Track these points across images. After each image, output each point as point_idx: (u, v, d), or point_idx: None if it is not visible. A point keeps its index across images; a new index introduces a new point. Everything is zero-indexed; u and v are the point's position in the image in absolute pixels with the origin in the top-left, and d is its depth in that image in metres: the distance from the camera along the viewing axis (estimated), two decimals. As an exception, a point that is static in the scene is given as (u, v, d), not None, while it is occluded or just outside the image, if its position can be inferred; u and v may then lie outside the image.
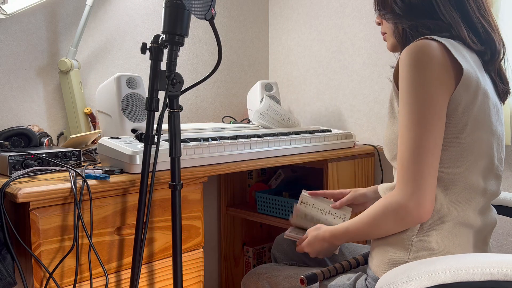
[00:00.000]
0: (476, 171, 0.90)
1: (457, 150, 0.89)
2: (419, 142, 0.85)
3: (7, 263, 0.90)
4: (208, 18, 0.96)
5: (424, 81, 0.85)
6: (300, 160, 1.45)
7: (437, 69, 0.86)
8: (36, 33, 1.48)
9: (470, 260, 0.68)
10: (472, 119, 0.88)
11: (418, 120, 0.85)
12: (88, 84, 1.61)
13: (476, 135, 0.89)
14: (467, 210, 0.90)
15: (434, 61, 0.86)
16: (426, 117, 0.85)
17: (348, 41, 1.96)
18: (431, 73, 0.85)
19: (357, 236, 0.99)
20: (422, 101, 0.85)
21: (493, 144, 0.92)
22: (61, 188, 0.92)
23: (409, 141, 0.86)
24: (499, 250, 1.59)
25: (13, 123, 1.44)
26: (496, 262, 0.66)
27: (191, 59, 1.93)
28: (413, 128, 0.86)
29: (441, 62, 0.86)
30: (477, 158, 0.90)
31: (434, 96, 0.85)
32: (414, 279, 0.69)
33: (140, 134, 1.00)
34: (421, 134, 0.85)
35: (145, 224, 0.97)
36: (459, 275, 0.67)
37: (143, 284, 1.09)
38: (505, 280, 0.64)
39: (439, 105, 0.85)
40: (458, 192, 0.89)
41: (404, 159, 0.87)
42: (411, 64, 0.87)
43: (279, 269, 1.14)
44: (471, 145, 0.89)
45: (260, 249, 2.10)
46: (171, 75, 0.96)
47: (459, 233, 0.89)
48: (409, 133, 0.86)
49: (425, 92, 0.85)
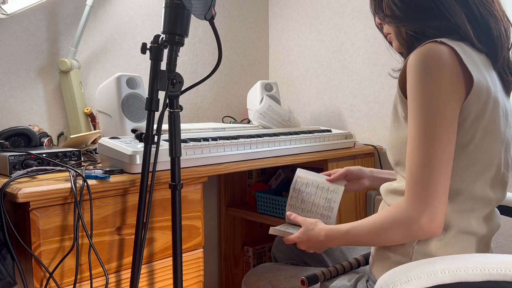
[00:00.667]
0: (483, 180, 0.88)
1: (464, 161, 0.86)
2: (431, 156, 0.81)
3: (7, 263, 0.90)
4: (208, 18, 0.96)
5: (434, 91, 0.81)
6: (300, 160, 1.45)
7: (448, 78, 0.81)
8: (36, 33, 1.48)
9: (469, 261, 0.68)
10: (481, 129, 0.85)
11: (430, 133, 0.82)
12: (88, 84, 1.61)
13: (485, 146, 0.86)
14: (470, 219, 0.88)
15: (445, 68, 0.81)
16: (438, 130, 0.81)
17: (348, 41, 1.96)
18: (442, 82, 0.81)
19: (357, 241, 0.96)
20: (434, 113, 0.81)
21: (501, 152, 0.90)
22: (61, 188, 0.92)
23: (421, 156, 0.82)
24: (499, 250, 1.59)
25: (13, 123, 1.44)
26: (495, 263, 0.65)
27: (191, 59, 1.93)
28: (424, 141, 0.82)
29: (452, 70, 0.82)
30: (483, 168, 0.87)
31: (445, 107, 0.81)
32: (413, 279, 0.69)
33: (140, 134, 0.99)
34: (433, 148, 0.82)
35: (145, 224, 0.97)
36: (458, 275, 0.67)
37: (143, 284, 1.09)
38: (504, 280, 0.64)
39: (450, 117, 0.82)
40: (462, 202, 0.88)
41: (416, 173, 0.83)
42: (420, 72, 0.82)
43: (281, 268, 1.14)
44: (478, 155, 0.86)
45: (260, 249, 2.10)
46: (171, 75, 0.96)
47: (461, 241, 0.88)
48: (421, 147, 0.82)
49: (436, 104, 0.81)
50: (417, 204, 0.83)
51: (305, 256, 1.26)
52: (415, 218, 0.83)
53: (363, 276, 1.01)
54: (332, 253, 1.24)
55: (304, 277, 1.00)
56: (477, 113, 0.84)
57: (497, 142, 0.88)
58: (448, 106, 0.82)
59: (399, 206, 0.86)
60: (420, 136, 0.83)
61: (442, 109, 0.81)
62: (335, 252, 1.24)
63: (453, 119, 0.82)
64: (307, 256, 1.25)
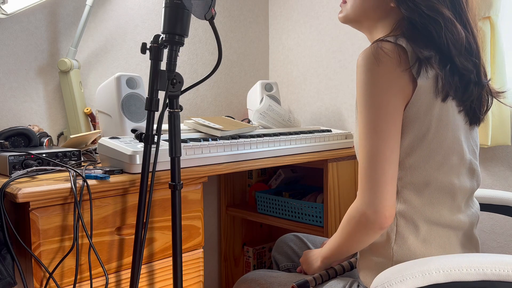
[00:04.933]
0: (447, 170, 0.89)
1: (425, 153, 0.88)
2: (375, 150, 0.85)
3: (7, 263, 0.90)
4: (208, 18, 0.96)
5: (376, 87, 0.84)
6: (300, 160, 1.45)
7: (389, 74, 0.84)
8: (36, 33, 1.48)
9: (463, 260, 0.69)
10: (435, 119, 0.87)
11: (374, 127, 0.85)
12: (88, 84, 1.61)
13: (441, 134, 0.88)
14: (441, 210, 0.89)
15: (386, 65, 0.84)
16: (381, 124, 0.84)
17: (348, 41, 1.96)
18: (382, 78, 0.84)
19: (340, 253, 0.99)
20: (377, 108, 0.84)
21: (460, 139, 0.91)
22: (61, 188, 0.92)
23: (366, 149, 0.86)
24: (499, 250, 1.59)
25: (13, 123, 1.44)
26: (489, 262, 0.66)
27: (191, 59, 1.93)
28: (369, 136, 0.85)
29: (394, 66, 0.84)
30: (445, 157, 0.89)
31: (388, 103, 0.84)
32: (408, 278, 0.69)
33: (140, 134, 0.99)
34: (377, 142, 0.84)
35: (145, 224, 0.97)
36: (452, 275, 0.67)
37: (143, 284, 1.09)
38: (498, 280, 0.64)
39: (393, 112, 0.84)
40: (430, 194, 0.89)
41: (362, 167, 0.87)
42: (364, 69, 0.85)
43: (273, 275, 1.13)
44: (437, 145, 0.88)
45: (260, 249, 2.10)
46: (171, 75, 0.96)
47: (438, 235, 0.89)
48: (366, 141, 0.86)
49: (379, 99, 0.84)
50: (363, 197, 0.86)
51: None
52: (362, 210, 0.86)
53: (355, 281, 1.01)
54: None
55: (295, 283, 1.00)
56: (427, 104, 0.86)
57: (453, 129, 0.89)
58: (391, 101, 0.84)
59: (352, 204, 0.90)
60: (365, 131, 0.86)
61: (385, 104, 0.84)
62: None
63: (396, 114, 0.85)
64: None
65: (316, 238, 1.30)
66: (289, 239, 1.32)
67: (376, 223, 0.85)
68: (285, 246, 1.31)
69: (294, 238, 1.31)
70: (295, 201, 1.71)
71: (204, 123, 1.38)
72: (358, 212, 0.87)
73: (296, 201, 1.71)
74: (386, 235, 0.92)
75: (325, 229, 1.60)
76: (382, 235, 0.92)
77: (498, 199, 1.15)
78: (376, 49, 0.85)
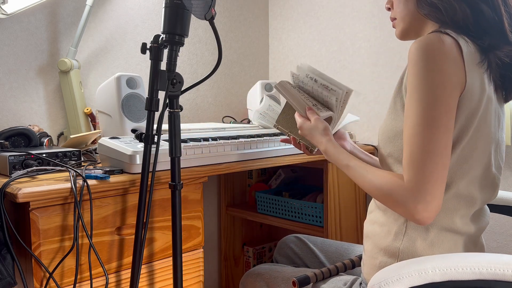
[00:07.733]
0: (470, 179, 0.87)
1: (455, 158, 0.86)
2: (433, 143, 0.80)
3: (7, 263, 0.90)
4: (208, 18, 0.96)
5: (439, 78, 0.81)
6: (300, 160, 1.45)
7: (452, 67, 0.81)
8: (36, 33, 1.48)
9: (459, 259, 0.69)
10: (473, 127, 0.85)
11: (432, 120, 0.80)
12: (88, 84, 1.61)
13: (474, 144, 0.86)
14: (454, 217, 0.88)
15: (449, 57, 0.81)
16: (441, 118, 0.80)
17: (348, 41, 1.96)
18: (447, 70, 0.81)
19: (353, 174, 0.93)
20: (437, 100, 0.80)
21: (491, 153, 0.90)
22: (61, 188, 0.92)
23: (422, 142, 0.80)
24: (499, 250, 1.59)
25: (13, 123, 1.44)
26: (485, 262, 0.66)
27: (191, 59, 1.93)
28: (426, 128, 0.80)
29: (455, 60, 0.82)
30: (471, 167, 0.87)
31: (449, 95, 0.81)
32: (405, 277, 0.70)
33: (140, 134, 0.99)
34: (435, 135, 0.80)
35: (145, 224, 0.97)
36: (448, 274, 0.67)
37: (143, 284, 1.09)
38: (494, 279, 0.64)
39: (452, 106, 0.81)
40: (447, 200, 0.87)
41: (417, 159, 0.81)
42: (424, 58, 0.81)
43: (278, 270, 1.14)
44: (467, 154, 0.86)
45: (260, 249, 2.10)
46: (171, 75, 0.96)
47: (447, 240, 0.88)
48: (423, 133, 0.81)
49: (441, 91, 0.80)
50: (415, 190, 0.80)
51: (307, 261, 1.26)
52: (412, 203, 0.80)
53: (357, 278, 1.01)
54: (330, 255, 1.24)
55: (296, 278, 1.01)
56: (470, 110, 0.84)
57: (487, 141, 0.88)
58: (451, 94, 0.81)
59: (399, 184, 0.83)
60: (422, 122, 0.81)
61: (446, 96, 0.81)
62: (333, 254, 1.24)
63: (454, 108, 0.82)
64: (310, 261, 1.25)
65: (317, 239, 1.30)
66: (290, 240, 1.32)
67: (422, 218, 0.80)
68: (286, 248, 1.31)
69: (295, 240, 1.31)
70: (295, 201, 1.71)
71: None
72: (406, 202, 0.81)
73: (296, 201, 1.71)
74: (394, 235, 0.91)
75: (325, 229, 1.60)
76: (390, 235, 0.91)
77: (498, 199, 1.15)
78: (438, 39, 0.82)
